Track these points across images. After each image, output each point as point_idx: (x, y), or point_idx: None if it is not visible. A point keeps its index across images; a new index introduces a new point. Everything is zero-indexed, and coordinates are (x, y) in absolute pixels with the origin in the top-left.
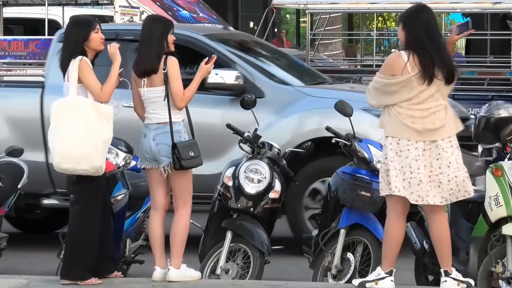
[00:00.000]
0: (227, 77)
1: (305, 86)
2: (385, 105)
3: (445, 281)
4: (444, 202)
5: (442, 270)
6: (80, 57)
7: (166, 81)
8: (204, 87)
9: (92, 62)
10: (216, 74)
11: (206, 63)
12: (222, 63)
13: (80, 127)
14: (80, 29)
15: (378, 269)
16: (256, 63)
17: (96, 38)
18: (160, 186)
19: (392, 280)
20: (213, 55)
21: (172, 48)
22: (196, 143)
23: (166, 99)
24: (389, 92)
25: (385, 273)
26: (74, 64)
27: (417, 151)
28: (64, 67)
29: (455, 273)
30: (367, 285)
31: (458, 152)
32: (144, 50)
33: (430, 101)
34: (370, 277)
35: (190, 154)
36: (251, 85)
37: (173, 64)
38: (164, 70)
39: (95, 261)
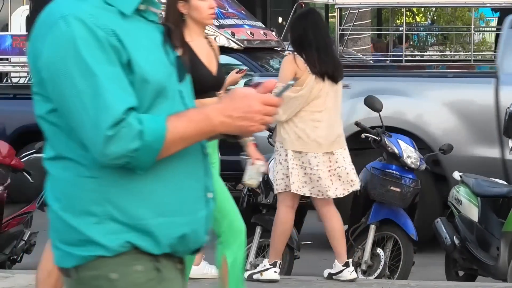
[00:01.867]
0: None
1: None
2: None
3: (350, 271)
4: (346, 193)
5: (340, 264)
6: None
7: None
8: None
9: None
10: None
11: (236, 73)
12: None
13: None
14: None
15: (265, 261)
16: None
17: None
18: None
19: (276, 272)
20: (245, 68)
21: None
22: None
23: None
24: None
25: (270, 265)
26: None
27: None
28: None
29: (352, 267)
30: (254, 277)
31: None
32: None
33: (327, 99)
34: (258, 268)
35: None
36: None
37: None
38: None
39: None
